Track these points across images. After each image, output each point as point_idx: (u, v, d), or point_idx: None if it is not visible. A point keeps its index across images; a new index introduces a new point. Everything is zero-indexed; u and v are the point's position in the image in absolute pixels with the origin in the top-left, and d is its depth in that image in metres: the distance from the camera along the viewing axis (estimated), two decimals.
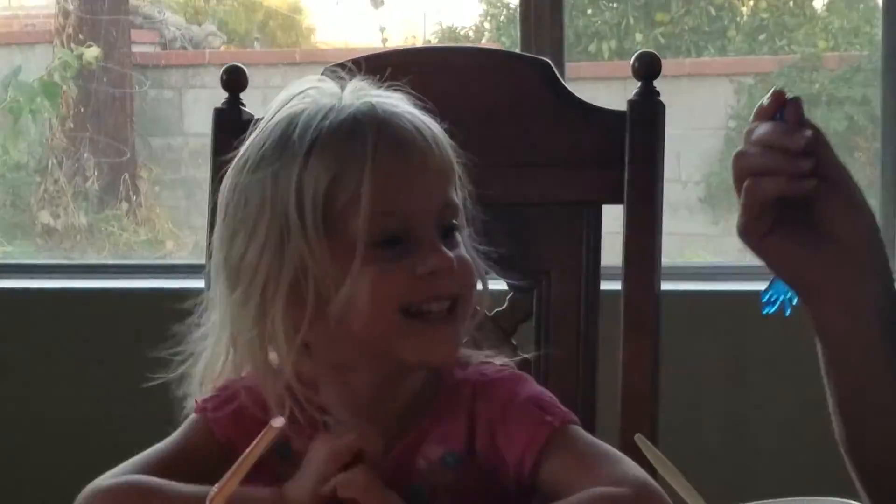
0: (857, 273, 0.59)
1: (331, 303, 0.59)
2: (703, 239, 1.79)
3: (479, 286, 0.66)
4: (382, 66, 0.67)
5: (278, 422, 0.42)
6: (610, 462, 0.62)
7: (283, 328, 0.60)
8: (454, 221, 0.64)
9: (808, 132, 0.54)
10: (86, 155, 2.14)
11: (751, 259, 1.70)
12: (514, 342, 0.79)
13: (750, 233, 0.57)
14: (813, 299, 0.60)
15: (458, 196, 0.65)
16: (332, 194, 0.59)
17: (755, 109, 0.58)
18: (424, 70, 0.80)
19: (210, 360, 0.65)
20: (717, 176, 1.80)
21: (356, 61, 0.69)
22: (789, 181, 0.54)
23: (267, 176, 0.61)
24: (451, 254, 0.61)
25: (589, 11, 2.05)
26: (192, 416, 0.66)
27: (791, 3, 2.09)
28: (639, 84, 0.76)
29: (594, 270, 0.77)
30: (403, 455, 0.64)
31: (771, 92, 0.57)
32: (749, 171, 0.55)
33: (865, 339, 0.59)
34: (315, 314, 0.60)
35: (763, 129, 0.56)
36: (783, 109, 0.55)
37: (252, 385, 0.65)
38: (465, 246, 0.65)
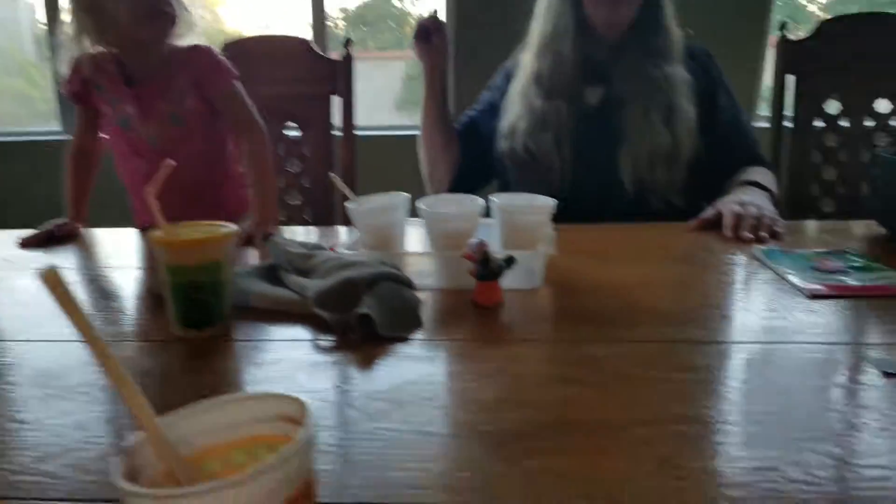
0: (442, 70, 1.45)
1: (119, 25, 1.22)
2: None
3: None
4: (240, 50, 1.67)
5: (170, 162, 0.68)
6: (246, 115, 1.33)
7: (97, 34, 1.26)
8: None
9: (435, 13, 1.38)
10: None
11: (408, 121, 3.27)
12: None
13: (418, 46, 1.40)
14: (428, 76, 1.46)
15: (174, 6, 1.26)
16: None
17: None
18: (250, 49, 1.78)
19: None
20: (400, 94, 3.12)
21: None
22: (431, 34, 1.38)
23: None
24: None
25: None
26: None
27: None
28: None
29: (329, 123, 1.78)
30: (165, 82, 1.31)
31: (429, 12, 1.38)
32: (416, 36, 1.40)
33: (435, 113, 1.51)
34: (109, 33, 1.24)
35: (420, 22, 1.39)
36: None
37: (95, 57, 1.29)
38: None
